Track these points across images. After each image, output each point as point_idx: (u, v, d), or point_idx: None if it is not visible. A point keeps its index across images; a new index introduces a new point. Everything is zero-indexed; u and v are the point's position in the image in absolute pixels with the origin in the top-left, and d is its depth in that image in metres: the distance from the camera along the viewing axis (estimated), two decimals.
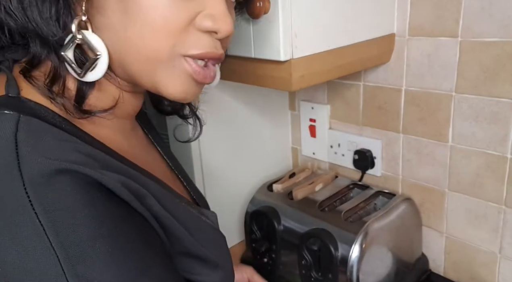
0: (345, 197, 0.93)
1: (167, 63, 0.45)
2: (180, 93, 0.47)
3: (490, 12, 0.71)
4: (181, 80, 0.46)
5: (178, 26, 0.43)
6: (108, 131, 0.49)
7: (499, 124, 0.75)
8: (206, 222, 0.53)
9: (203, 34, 0.45)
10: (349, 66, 0.78)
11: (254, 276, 0.82)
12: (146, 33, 0.43)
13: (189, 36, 0.45)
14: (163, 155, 0.63)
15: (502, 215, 0.79)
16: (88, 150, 0.41)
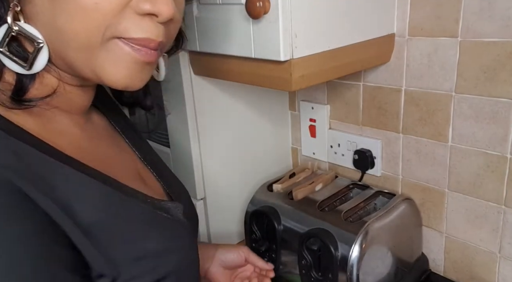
0: (345, 197, 0.93)
1: (101, 48, 0.43)
2: (123, 78, 0.45)
3: (489, 13, 0.71)
4: (121, 64, 0.44)
5: (111, 8, 0.41)
6: (56, 126, 0.48)
7: (499, 124, 0.76)
8: (162, 216, 0.52)
9: (142, 18, 0.43)
10: (349, 66, 0.78)
11: (250, 255, 0.81)
12: (76, 19, 0.41)
13: (125, 19, 0.42)
14: (132, 147, 0.62)
15: (502, 215, 0.79)
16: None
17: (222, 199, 1.01)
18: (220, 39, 0.74)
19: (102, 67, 0.44)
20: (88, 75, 0.46)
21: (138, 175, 0.57)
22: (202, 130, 0.93)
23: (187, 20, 0.79)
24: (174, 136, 0.97)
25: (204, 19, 0.76)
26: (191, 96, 0.89)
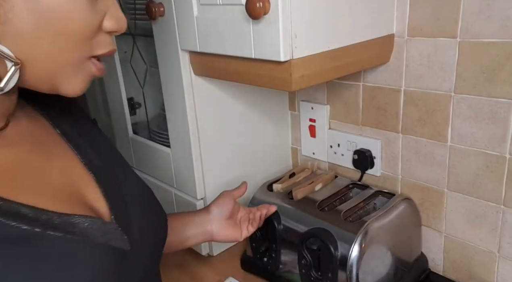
0: (344, 197, 0.93)
1: (76, 66, 0.47)
2: (80, 90, 0.49)
3: (488, 13, 0.72)
4: (83, 80, 0.49)
5: (92, 31, 0.46)
6: None
7: (498, 124, 0.76)
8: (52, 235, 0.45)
9: (107, 34, 0.49)
10: (349, 67, 0.78)
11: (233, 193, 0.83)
12: (60, 41, 0.44)
13: (97, 39, 0.47)
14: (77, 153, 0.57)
15: (501, 214, 0.79)
16: None
17: None
18: (220, 40, 0.75)
19: (65, 82, 0.47)
20: (42, 88, 0.48)
21: (70, 183, 0.53)
22: (202, 130, 0.93)
23: (187, 20, 0.80)
24: (174, 136, 0.97)
25: (204, 20, 0.76)
26: (191, 96, 0.90)
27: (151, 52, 1.06)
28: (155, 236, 0.61)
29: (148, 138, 1.11)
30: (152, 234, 0.60)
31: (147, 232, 0.58)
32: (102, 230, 0.50)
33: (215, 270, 0.99)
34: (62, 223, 0.47)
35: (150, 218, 0.61)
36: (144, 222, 0.58)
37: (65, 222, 0.47)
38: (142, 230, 0.57)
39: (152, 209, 0.63)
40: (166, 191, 1.05)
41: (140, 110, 1.19)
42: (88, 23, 0.45)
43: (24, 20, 0.42)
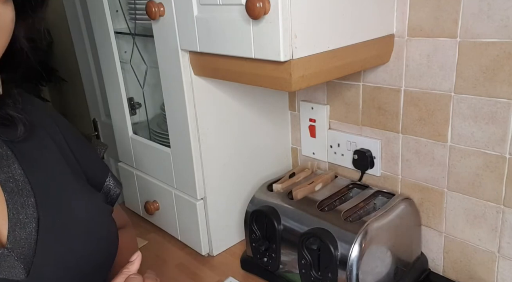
0: (344, 197, 0.93)
1: None
2: None
3: (488, 13, 0.72)
4: None
5: None
6: None
7: (497, 124, 0.76)
8: None
9: None
10: (349, 67, 0.78)
11: None
12: None
13: None
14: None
15: (501, 214, 0.79)
16: None
17: (222, 199, 1.01)
18: (220, 40, 0.75)
19: None
20: None
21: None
22: (202, 130, 0.93)
23: (187, 20, 0.80)
24: (174, 136, 0.97)
25: (204, 20, 0.77)
26: (191, 96, 0.90)
27: (151, 52, 1.06)
28: (70, 270, 0.54)
29: (148, 138, 1.11)
30: (66, 267, 0.54)
31: (59, 264, 0.53)
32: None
33: (215, 270, 0.99)
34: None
35: (74, 249, 0.55)
36: (63, 253, 0.53)
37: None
38: (55, 261, 0.52)
39: (83, 240, 0.56)
40: (166, 191, 1.05)
41: (140, 110, 1.19)
42: None
43: None
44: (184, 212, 1.02)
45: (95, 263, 0.58)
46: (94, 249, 0.57)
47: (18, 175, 0.54)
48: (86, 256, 0.56)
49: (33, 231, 0.51)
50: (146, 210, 1.12)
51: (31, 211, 0.52)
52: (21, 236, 0.50)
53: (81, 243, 0.56)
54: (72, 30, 1.61)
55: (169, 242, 1.10)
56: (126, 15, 1.06)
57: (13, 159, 0.54)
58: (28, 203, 0.53)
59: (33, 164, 0.56)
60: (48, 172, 0.57)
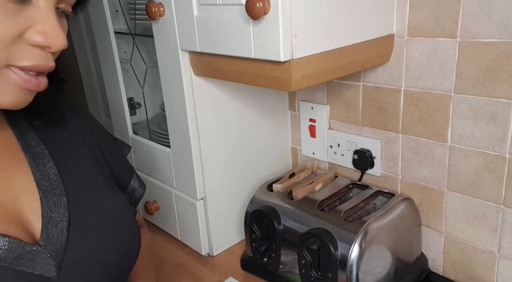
0: (344, 197, 0.93)
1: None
2: (9, 103, 0.47)
3: (488, 13, 0.72)
4: (9, 91, 0.46)
5: (4, 40, 0.43)
6: None
7: (497, 124, 0.76)
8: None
9: (33, 48, 0.46)
10: (349, 67, 0.78)
11: None
12: None
13: (17, 49, 0.45)
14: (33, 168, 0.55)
15: (501, 214, 0.79)
16: None
17: (222, 199, 1.01)
18: (220, 40, 0.75)
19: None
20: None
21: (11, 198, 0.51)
22: (202, 130, 0.93)
23: (187, 20, 0.80)
24: (174, 136, 0.97)
25: (204, 20, 0.76)
26: (191, 96, 0.90)
27: (151, 52, 1.06)
28: (107, 268, 0.57)
29: (148, 138, 1.11)
30: (95, 264, 0.55)
31: (94, 261, 0.55)
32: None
33: (215, 270, 0.99)
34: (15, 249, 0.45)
35: (103, 247, 0.56)
36: (93, 251, 0.55)
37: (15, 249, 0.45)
38: (86, 258, 0.54)
39: (114, 238, 0.59)
40: (166, 191, 1.05)
41: (140, 110, 1.19)
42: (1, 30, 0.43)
43: None
44: (184, 212, 1.02)
45: (120, 262, 0.60)
46: (120, 248, 0.59)
47: (53, 174, 0.56)
48: (113, 254, 0.58)
49: (64, 229, 0.53)
50: (146, 210, 1.12)
51: (63, 209, 0.54)
52: (53, 234, 0.52)
53: (108, 242, 0.57)
54: (72, 30, 1.61)
55: (169, 242, 1.10)
56: (126, 15, 1.06)
57: (49, 158, 0.56)
58: (60, 202, 0.54)
59: (66, 164, 0.58)
60: (79, 172, 0.59)
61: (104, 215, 0.59)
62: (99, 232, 0.57)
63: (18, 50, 0.45)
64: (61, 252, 0.51)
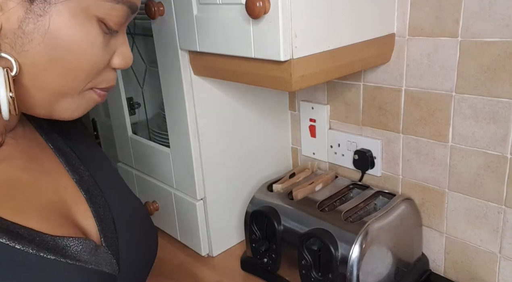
0: (345, 197, 0.93)
1: (77, 96, 0.48)
2: (77, 116, 0.50)
3: (490, 13, 0.71)
4: (83, 106, 0.50)
5: (100, 69, 0.48)
6: None
7: (499, 124, 0.76)
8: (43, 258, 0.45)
9: (111, 70, 0.51)
10: (349, 66, 0.78)
11: None
12: (69, 75, 0.45)
13: (104, 74, 0.49)
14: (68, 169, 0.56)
15: (502, 215, 0.79)
16: None
17: (222, 199, 1.01)
18: (220, 39, 0.74)
19: (62, 109, 0.48)
20: (41, 113, 0.48)
21: (60, 201, 0.52)
22: (202, 130, 0.93)
23: (187, 20, 0.79)
24: (174, 136, 0.97)
25: (204, 19, 0.76)
26: (191, 96, 0.89)
27: (151, 52, 1.05)
28: (143, 258, 0.60)
29: (148, 138, 1.11)
30: (139, 257, 0.59)
31: (135, 255, 0.57)
32: (94, 254, 0.50)
33: (215, 271, 0.99)
34: (55, 246, 0.46)
35: (139, 240, 0.60)
36: (133, 245, 0.57)
37: (58, 245, 0.47)
38: (130, 254, 0.56)
39: (142, 231, 0.62)
40: (166, 191, 1.05)
41: (139, 110, 1.19)
42: (99, 61, 0.47)
43: (39, 53, 0.43)
44: (184, 212, 1.02)
45: (154, 255, 0.63)
46: (152, 240, 0.63)
47: (86, 175, 0.57)
48: (149, 247, 0.62)
49: (113, 228, 0.55)
50: None
51: (106, 210, 0.56)
52: (107, 234, 0.54)
53: (144, 236, 0.61)
54: None
55: (168, 243, 1.10)
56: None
57: (77, 159, 0.58)
58: (101, 202, 0.56)
59: (90, 163, 0.59)
60: (102, 170, 0.61)
61: (135, 210, 0.62)
62: (136, 227, 0.60)
63: (104, 75, 0.49)
64: (116, 250, 0.54)
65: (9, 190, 0.47)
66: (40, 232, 0.46)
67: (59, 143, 0.58)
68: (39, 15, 0.42)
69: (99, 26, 0.45)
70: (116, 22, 0.46)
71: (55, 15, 0.42)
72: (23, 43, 0.42)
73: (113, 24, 0.46)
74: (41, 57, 0.43)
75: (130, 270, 0.55)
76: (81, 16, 0.44)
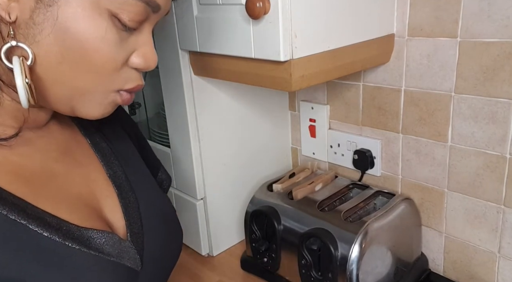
0: (344, 197, 0.93)
1: (99, 96, 0.48)
2: (100, 116, 0.50)
3: (489, 13, 0.72)
4: (105, 108, 0.49)
5: (115, 67, 0.46)
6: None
7: (498, 124, 0.76)
8: (68, 247, 0.45)
9: (133, 70, 0.49)
10: (349, 67, 0.78)
11: None
12: (81, 70, 0.45)
13: (122, 73, 0.48)
14: (103, 163, 0.58)
15: (501, 214, 0.79)
16: None
17: (222, 199, 1.01)
18: (220, 40, 0.75)
19: (85, 108, 0.48)
20: (61, 109, 0.48)
21: (90, 193, 0.53)
22: (202, 130, 0.93)
23: (187, 20, 0.80)
24: (174, 136, 0.97)
25: (204, 19, 0.76)
26: (191, 96, 0.90)
27: None
28: (167, 257, 0.61)
29: (148, 138, 1.11)
30: (163, 255, 0.59)
31: (159, 253, 0.58)
32: (117, 248, 0.50)
33: (215, 270, 0.99)
34: (80, 236, 0.47)
35: (164, 239, 0.60)
36: (158, 243, 0.58)
37: (83, 236, 0.48)
38: (155, 251, 0.57)
39: (168, 230, 0.62)
40: None
41: (140, 110, 1.19)
42: (112, 59, 0.45)
43: (50, 44, 0.43)
44: (184, 212, 1.02)
45: (178, 254, 0.65)
46: (177, 240, 0.64)
47: (120, 171, 0.58)
48: (174, 246, 0.63)
49: (139, 225, 0.55)
50: None
51: (135, 206, 0.57)
52: (134, 229, 0.54)
53: (170, 235, 0.62)
54: None
55: None
56: None
57: (113, 155, 0.59)
58: (132, 198, 0.57)
59: (125, 161, 0.60)
60: (135, 168, 0.62)
61: (163, 208, 0.62)
62: (163, 225, 0.60)
63: (124, 74, 0.48)
64: (141, 246, 0.54)
65: (42, 179, 0.49)
66: (67, 222, 0.47)
67: (96, 138, 0.59)
68: (48, 5, 0.42)
69: (111, 21, 0.44)
70: (131, 18, 0.44)
71: (63, 5, 0.42)
72: (34, 34, 0.42)
73: (127, 21, 0.44)
74: (52, 48, 0.43)
75: (153, 267, 0.56)
76: (91, 9, 0.43)
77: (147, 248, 0.55)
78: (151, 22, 0.48)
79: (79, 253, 0.46)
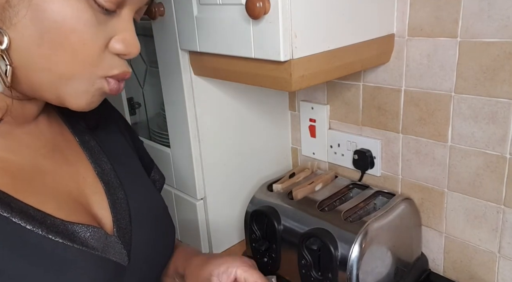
0: (344, 197, 0.93)
1: (84, 83, 0.47)
2: (87, 105, 0.49)
3: (489, 13, 0.72)
4: (92, 95, 0.48)
5: (95, 50, 0.45)
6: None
7: (498, 124, 0.76)
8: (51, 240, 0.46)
9: (115, 56, 0.48)
10: (349, 67, 0.78)
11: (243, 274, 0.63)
12: (60, 54, 0.44)
13: (105, 58, 0.47)
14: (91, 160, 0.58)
15: (501, 214, 0.79)
16: None
17: (222, 199, 1.01)
18: (220, 40, 0.75)
19: (71, 96, 0.47)
20: (48, 98, 0.48)
21: (78, 190, 0.54)
22: (202, 131, 0.93)
23: (187, 20, 0.80)
24: (174, 136, 0.97)
25: (204, 19, 0.76)
26: (191, 96, 0.90)
27: (151, 52, 1.05)
28: (157, 253, 0.61)
29: (148, 138, 1.11)
30: (153, 252, 0.60)
31: (149, 249, 0.58)
32: (102, 242, 0.51)
33: None
34: (65, 230, 0.48)
35: (154, 235, 0.60)
36: (147, 239, 0.58)
37: (68, 230, 0.48)
38: (144, 247, 0.57)
39: (159, 227, 0.62)
40: (166, 191, 1.05)
41: (140, 110, 1.19)
42: (90, 40, 0.45)
43: (27, 26, 0.42)
44: (184, 212, 1.02)
45: (169, 252, 0.65)
46: (169, 238, 0.64)
47: (109, 169, 0.58)
48: (165, 244, 0.63)
49: (128, 221, 0.56)
50: None
51: (124, 203, 0.57)
52: (121, 225, 0.55)
53: (161, 232, 0.62)
54: None
55: None
56: None
57: (102, 153, 0.59)
58: (120, 195, 0.57)
59: (115, 158, 0.60)
60: (126, 165, 0.62)
61: (154, 205, 0.63)
62: (153, 221, 0.60)
63: (108, 60, 0.47)
64: (128, 242, 0.54)
65: (30, 175, 0.49)
66: (52, 216, 0.47)
67: (85, 136, 0.59)
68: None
69: (87, 2, 0.43)
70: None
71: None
72: (10, 17, 0.42)
73: (103, 1, 0.44)
74: (29, 31, 0.42)
75: (141, 263, 0.56)
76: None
77: (135, 243, 0.55)
78: (131, 8, 0.48)
79: (63, 246, 0.46)
